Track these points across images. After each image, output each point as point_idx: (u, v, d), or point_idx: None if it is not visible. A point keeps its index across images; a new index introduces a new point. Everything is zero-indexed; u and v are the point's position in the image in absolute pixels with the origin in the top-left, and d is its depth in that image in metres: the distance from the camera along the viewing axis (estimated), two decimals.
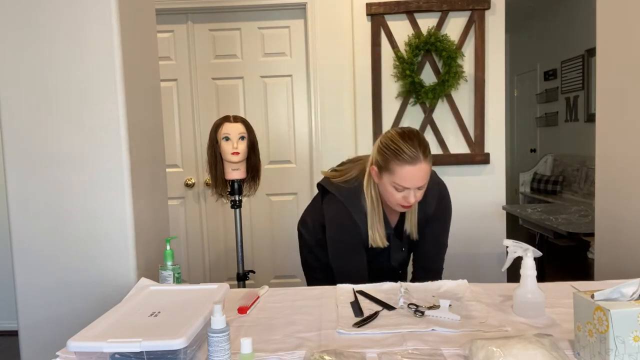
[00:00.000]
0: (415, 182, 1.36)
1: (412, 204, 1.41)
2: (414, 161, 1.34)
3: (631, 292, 0.89)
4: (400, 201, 1.41)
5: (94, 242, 1.52)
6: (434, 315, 1.19)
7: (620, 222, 1.79)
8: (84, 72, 1.49)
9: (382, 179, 1.42)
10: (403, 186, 1.37)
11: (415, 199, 1.40)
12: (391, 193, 1.41)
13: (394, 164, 1.36)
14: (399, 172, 1.35)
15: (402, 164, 1.34)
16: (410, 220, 1.55)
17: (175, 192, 3.23)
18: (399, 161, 1.35)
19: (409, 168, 1.34)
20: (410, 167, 1.34)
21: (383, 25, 3.01)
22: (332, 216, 1.56)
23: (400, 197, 1.39)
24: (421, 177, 1.36)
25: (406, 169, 1.34)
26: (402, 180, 1.36)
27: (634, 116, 1.71)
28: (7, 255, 2.81)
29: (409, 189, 1.37)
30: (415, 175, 1.35)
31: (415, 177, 1.35)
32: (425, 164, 1.36)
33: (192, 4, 3.08)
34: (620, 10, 1.76)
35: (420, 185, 1.37)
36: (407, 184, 1.36)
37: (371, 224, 1.50)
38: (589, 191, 4.79)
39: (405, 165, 1.34)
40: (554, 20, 5.77)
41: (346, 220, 1.51)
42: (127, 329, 0.98)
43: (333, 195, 1.54)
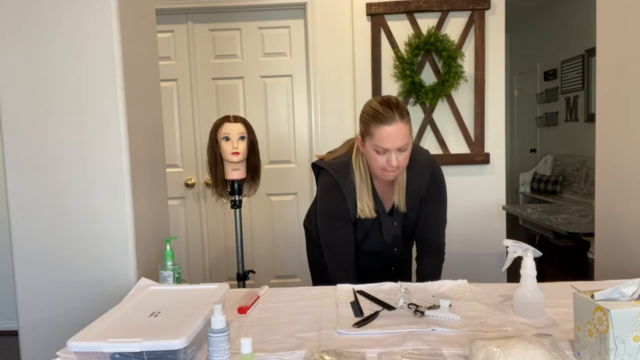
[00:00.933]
0: (393, 142, 1.39)
1: (395, 168, 1.43)
2: (390, 121, 1.38)
3: (631, 292, 0.89)
4: (384, 165, 1.43)
5: (94, 242, 1.52)
6: (434, 315, 1.19)
7: (620, 222, 1.79)
8: (84, 72, 1.49)
9: (366, 146, 1.46)
10: (383, 147, 1.40)
11: (398, 162, 1.42)
12: (374, 158, 1.44)
13: (372, 127, 1.41)
14: (377, 133, 1.40)
15: (379, 125, 1.39)
16: (399, 192, 1.57)
17: (175, 192, 3.23)
18: (376, 123, 1.40)
19: (386, 128, 1.38)
20: (387, 126, 1.38)
21: (383, 25, 3.01)
22: (322, 189, 1.62)
23: (384, 161, 1.43)
24: (399, 137, 1.39)
25: (383, 129, 1.38)
26: (380, 141, 1.40)
27: (634, 116, 1.71)
28: (7, 255, 2.82)
29: (389, 150, 1.40)
30: (392, 135, 1.38)
31: (392, 136, 1.38)
32: (402, 124, 1.39)
33: (192, 4, 3.08)
34: (620, 10, 1.76)
35: (399, 145, 1.40)
36: (386, 145, 1.39)
37: (360, 195, 1.54)
38: (589, 191, 4.79)
39: (382, 125, 1.39)
40: (554, 20, 5.77)
41: (335, 192, 1.56)
42: (127, 329, 0.98)
43: (325, 170, 1.60)
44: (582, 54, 5.11)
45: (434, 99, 2.99)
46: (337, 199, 1.56)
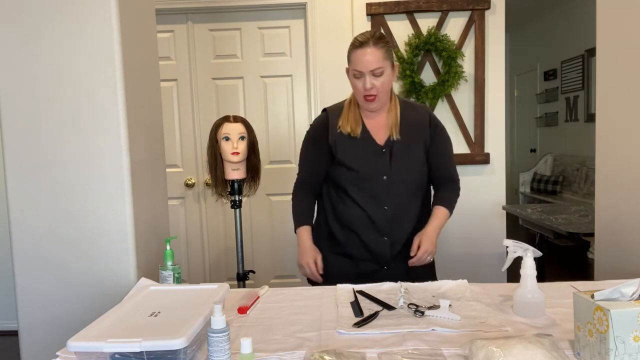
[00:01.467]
0: (365, 64, 1.49)
1: (370, 91, 1.52)
2: (363, 45, 1.50)
3: (631, 292, 0.89)
4: (362, 91, 1.53)
5: (94, 242, 1.52)
6: (434, 315, 1.19)
7: (620, 222, 1.79)
8: (84, 72, 1.49)
9: (349, 75, 1.57)
10: (357, 70, 1.51)
11: (372, 85, 1.51)
12: (355, 85, 1.55)
13: (351, 53, 1.53)
14: (352, 57, 1.52)
15: (354, 49, 1.52)
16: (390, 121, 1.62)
17: (175, 192, 3.23)
18: (352, 47, 1.53)
19: (359, 51, 1.50)
20: (360, 49, 1.50)
21: (383, 25, 3.01)
22: (313, 122, 1.73)
23: (361, 86, 1.53)
24: (370, 60, 1.49)
25: (357, 52, 1.50)
26: (355, 64, 1.51)
27: (634, 116, 1.71)
28: (7, 255, 2.82)
29: (363, 72, 1.50)
30: (365, 58, 1.49)
31: (365, 59, 1.49)
32: (376, 49, 1.49)
33: (192, 4, 3.08)
34: (620, 10, 1.76)
35: (371, 68, 1.49)
36: (359, 67, 1.50)
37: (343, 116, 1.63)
38: (589, 191, 4.79)
39: (356, 49, 1.51)
40: (554, 20, 5.77)
41: (319, 121, 1.69)
42: (127, 329, 0.98)
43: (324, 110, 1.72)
44: (582, 54, 5.11)
45: (434, 99, 2.99)
46: (319, 123, 1.68)
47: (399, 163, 1.62)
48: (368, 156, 1.61)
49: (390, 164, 1.61)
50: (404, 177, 1.63)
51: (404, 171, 1.63)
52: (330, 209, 1.70)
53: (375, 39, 1.50)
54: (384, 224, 1.61)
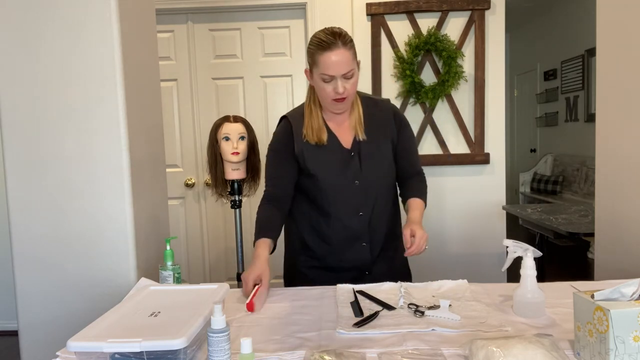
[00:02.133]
0: (337, 68, 1.40)
1: (342, 95, 1.43)
2: (333, 46, 1.39)
3: (631, 292, 0.89)
4: (332, 95, 1.44)
5: (93, 242, 1.52)
6: (434, 315, 1.19)
7: (620, 222, 1.79)
8: (84, 72, 1.49)
9: (314, 77, 1.47)
10: (328, 74, 1.41)
11: (345, 89, 1.42)
12: (322, 88, 1.45)
13: (316, 55, 1.41)
14: (321, 60, 1.40)
15: (322, 51, 1.40)
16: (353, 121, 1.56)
17: (175, 192, 3.23)
18: (319, 50, 1.40)
19: (329, 54, 1.39)
20: (330, 52, 1.39)
21: (383, 25, 3.01)
22: (276, 130, 1.63)
23: (331, 89, 1.43)
24: (342, 62, 1.39)
25: (326, 55, 1.39)
26: (325, 68, 1.40)
27: (634, 116, 1.71)
28: (7, 255, 2.82)
29: (334, 76, 1.41)
30: (336, 60, 1.39)
31: (336, 62, 1.39)
32: (346, 50, 1.40)
33: (192, 4, 3.08)
34: (620, 10, 1.76)
35: (343, 71, 1.40)
36: (331, 71, 1.40)
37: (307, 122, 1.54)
38: (589, 191, 4.79)
39: (325, 52, 1.39)
40: (554, 20, 5.77)
41: (283, 127, 1.59)
42: (127, 329, 0.98)
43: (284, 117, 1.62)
44: (582, 54, 5.11)
45: (434, 99, 2.99)
46: (282, 133, 1.58)
47: (369, 165, 1.56)
48: (337, 163, 1.54)
49: (361, 167, 1.55)
50: (376, 178, 1.58)
51: (375, 173, 1.57)
52: (304, 222, 1.63)
53: (343, 39, 1.40)
54: (361, 230, 1.57)
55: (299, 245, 1.65)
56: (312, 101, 1.55)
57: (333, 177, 1.55)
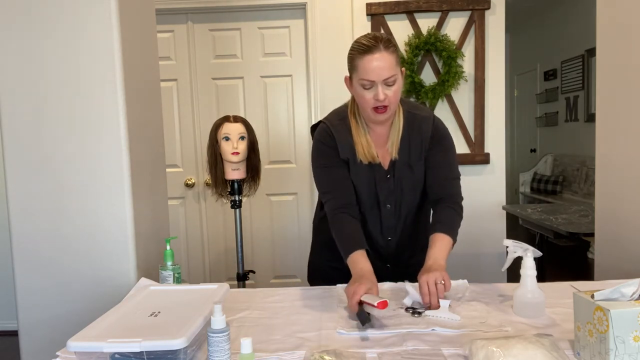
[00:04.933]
0: (377, 72, 1.29)
1: (383, 102, 1.32)
2: (373, 50, 1.30)
3: (631, 292, 0.89)
4: (372, 103, 1.34)
5: (94, 242, 1.52)
6: (434, 315, 1.19)
7: (620, 222, 1.79)
8: (84, 72, 1.49)
9: (354, 84, 1.37)
10: (368, 79, 1.31)
11: (385, 96, 1.31)
12: (361, 95, 1.35)
13: (356, 59, 1.32)
14: (361, 65, 1.31)
15: (362, 55, 1.31)
16: (391, 138, 1.45)
17: (175, 192, 3.23)
18: (359, 54, 1.32)
19: (369, 57, 1.30)
20: (369, 56, 1.30)
21: (383, 25, 3.01)
22: (315, 137, 1.51)
23: (371, 97, 1.33)
24: (383, 67, 1.29)
25: (366, 59, 1.30)
26: (365, 73, 1.31)
27: (634, 116, 1.71)
28: (7, 255, 2.82)
29: (374, 82, 1.31)
30: (376, 65, 1.29)
31: (377, 66, 1.29)
32: (387, 54, 1.30)
33: (192, 4, 3.08)
34: (620, 10, 1.76)
35: (385, 76, 1.30)
36: (371, 76, 1.30)
37: (357, 139, 1.44)
38: (589, 191, 4.79)
39: (365, 55, 1.30)
40: (554, 20, 5.77)
41: (325, 134, 1.47)
42: (127, 329, 0.98)
43: (320, 122, 1.52)
44: (582, 54, 5.11)
45: (434, 99, 2.99)
46: (327, 140, 1.46)
47: (403, 189, 1.47)
48: (373, 182, 1.46)
49: (394, 190, 1.47)
50: (408, 204, 1.50)
51: (408, 198, 1.49)
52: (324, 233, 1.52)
53: (385, 42, 1.31)
54: (387, 254, 1.51)
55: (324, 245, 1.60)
56: (354, 113, 1.45)
57: (365, 196, 1.47)
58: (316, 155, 1.49)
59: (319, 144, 1.48)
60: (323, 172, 1.48)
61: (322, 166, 1.48)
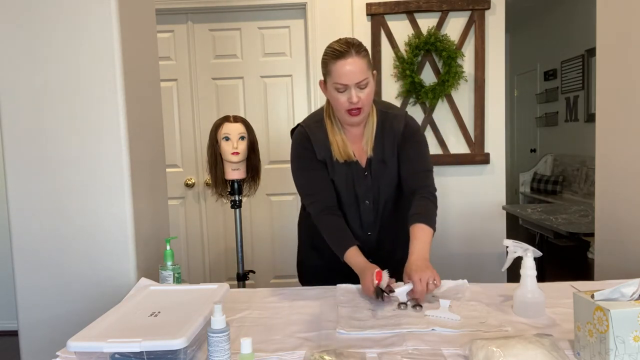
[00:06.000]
0: (351, 76, 1.36)
1: (357, 104, 1.38)
2: (346, 55, 1.36)
3: (631, 292, 0.89)
4: (346, 105, 1.40)
5: (94, 242, 1.52)
6: (434, 315, 1.19)
7: (620, 222, 1.79)
8: (84, 72, 1.49)
9: (328, 88, 1.44)
10: (342, 83, 1.37)
11: (359, 99, 1.37)
12: (336, 98, 1.41)
13: (330, 64, 1.39)
14: (334, 69, 1.38)
15: (335, 60, 1.37)
16: (366, 136, 1.51)
17: (175, 192, 3.23)
18: (332, 59, 1.38)
19: (342, 62, 1.36)
20: (342, 60, 1.36)
21: (383, 25, 3.01)
22: (293, 140, 1.59)
23: (345, 100, 1.39)
24: (356, 71, 1.36)
25: (339, 64, 1.36)
26: (338, 77, 1.37)
27: (634, 116, 1.71)
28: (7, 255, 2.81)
29: (348, 85, 1.37)
30: (349, 69, 1.35)
31: (349, 71, 1.35)
32: (359, 59, 1.36)
33: (192, 4, 3.08)
34: (620, 10, 1.76)
35: (357, 80, 1.36)
36: (345, 80, 1.36)
37: (332, 140, 1.50)
38: (589, 191, 4.79)
39: (338, 60, 1.36)
40: (554, 20, 5.77)
41: (302, 137, 1.54)
42: (127, 329, 0.98)
43: (297, 125, 1.59)
44: (582, 54, 5.11)
45: (434, 99, 2.99)
46: (304, 143, 1.53)
47: (380, 185, 1.54)
48: (351, 180, 1.52)
49: (372, 186, 1.53)
50: (385, 199, 1.56)
51: (385, 193, 1.55)
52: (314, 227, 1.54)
53: (357, 47, 1.37)
54: (369, 249, 1.52)
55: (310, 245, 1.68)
56: (330, 115, 1.51)
57: (344, 194, 1.52)
58: (295, 159, 1.57)
59: (296, 146, 1.56)
60: (303, 175, 1.56)
61: (302, 169, 1.55)
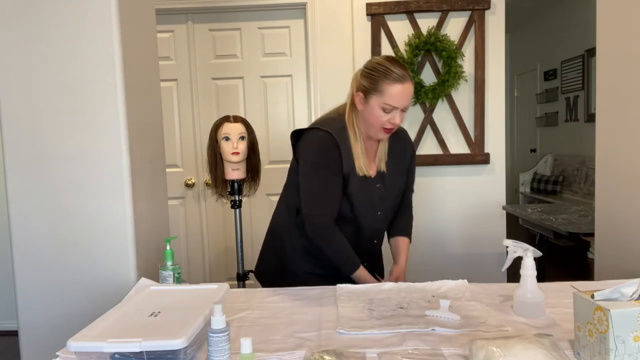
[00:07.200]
0: (403, 100, 1.42)
1: (397, 125, 1.46)
2: (403, 80, 1.41)
3: (631, 292, 0.89)
4: (385, 124, 1.45)
5: (94, 242, 1.52)
6: (434, 315, 1.19)
7: (620, 222, 1.79)
8: (84, 72, 1.49)
9: (369, 103, 1.44)
10: (392, 105, 1.42)
11: (399, 120, 1.45)
12: (377, 116, 1.44)
13: (384, 84, 1.41)
14: (389, 91, 1.41)
15: (392, 82, 1.41)
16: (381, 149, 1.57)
17: (175, 192, 3.23)
18: (389, 80, 1.41)
19: (399, 86, 1.41)
20: (400, 85, 1.41)
21: (383, 25, 3.01)
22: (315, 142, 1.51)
23: (386, 119, 1.44)
24: (408, 96, 1.43)
25: (396, 87, 1.41)
26: (392, 99, 1.41)
27: (634, 116, 1.71)
28: (7, 255, 2.81)
29: (397, 108, 1.43)
30: (404, 94, 1.42)
31: (404, 95, 1.42)
32: (412, 84, 1.44)
33: (192, 4, 3.08)
34: (620, 10, 1.76)
35: (407, 104, 1.44)
36: (397, 103, 1.42)
37: (356, 153, 1.50)
38: (589, 191, 4.79)
39: (396, 84, 1.41)
40: (554, 20, 5.77)
41: (329, 143, 1.48)
42: (127, 329, 0.98)
43: (312, 129, 1.54)
44: (582, 54, 5.11)
45: (434, 99, 2.99)
46: (332, 150, 1.47)
47: (390, 197, 1.60)
48: (368, 192, 1.54)
49: (384, 199, 1.57)
50: (393, 208, 1.65)
51: (393, 203, 1.63)
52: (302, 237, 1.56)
53: (408, 72, 1.44)
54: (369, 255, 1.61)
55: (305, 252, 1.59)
56: (354, 125, 1.50)
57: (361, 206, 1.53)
58: (314, 164, 1.50)
59: (321, 152, 1.48)
60: (320, 183, 1.49)
61: (321, 176, 1.49)
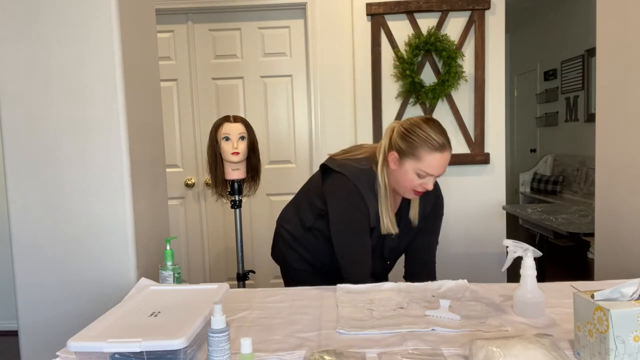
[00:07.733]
0: (441, 169, 1.40)
1: (429, 190, 1.44)
2: (443, 149, 1.39)
3: (631, 292, 0.89)
4: (417, 187, 1.43)
5: (94, 242, 1.52)
6: (434, 315, 1.19)
7: (620, 222, 1.79)
8: (84, 72, 1.49)
9: (404, 166, 1.42)
10: (428, 173, 1.40)
11: (432, 186, 1.44)
12: (410, 179, 1.42)
13: (422, 151, 1.39)
14: (427, 159, 1.38)
15: (431, 151, 1.38)
16: (413, 207, 1.57)
17: (175, 192, 3.23)
18: (428, 148, 1.38)
19: (438, 155, 1.38)
20: (439, 154, 1.39)
21: (383, 25, 3.01)
22: (343, 194, 1.50)
23: (419, 183, 1.42)
24: (446, 165, 1.41)
25: (435, 156, 1.38)
26: (429, 168, 1.39)
27: (634, 116, 1.71)
28: (7, 255, 2.81)
29: (432, 175, 1.41)
30: (442, 163, 1.40)
31: (442, 164, 1.40)
32: (450, 151, 1.42)
33: (192, 4, 3.08)
34: (620, 10, 1.76)
35: (442, 172, 1.42)
36: (434, 171, 1.40)
37: (382, 209, 1.49)
38: (589, 191, 4.78)
39: (435, 152, 1.38)
40: (554, 20, 5.77)
41: (358, 199, 1.47)
42: (127, 329, 0.98)
43: (342, 175, 1.50)
44: (582, 54, 5.11)
45: (434, 99, 2.99)
46: (361, 207, 1.47)
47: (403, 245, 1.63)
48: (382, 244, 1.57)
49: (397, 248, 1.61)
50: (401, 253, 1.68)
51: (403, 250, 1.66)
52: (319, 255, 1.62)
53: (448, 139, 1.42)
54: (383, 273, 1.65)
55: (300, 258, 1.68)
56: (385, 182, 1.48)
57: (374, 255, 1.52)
58: (346, 221, 1.49)
59: (351, 208, 1.48)
60: (355, 240, 1.49)
61: (355, 234, 1.49)
